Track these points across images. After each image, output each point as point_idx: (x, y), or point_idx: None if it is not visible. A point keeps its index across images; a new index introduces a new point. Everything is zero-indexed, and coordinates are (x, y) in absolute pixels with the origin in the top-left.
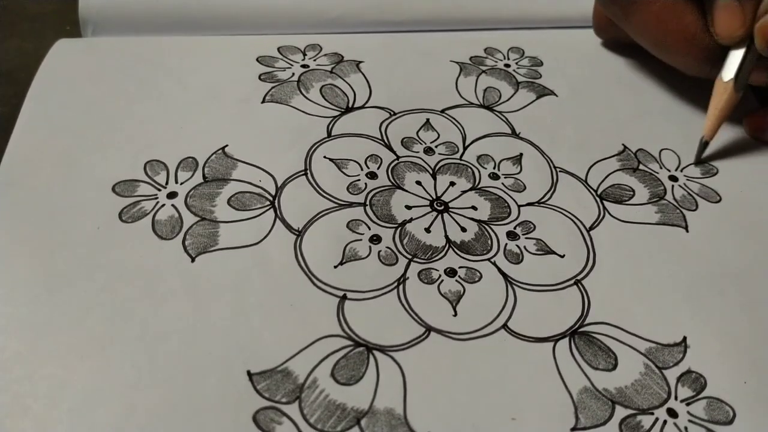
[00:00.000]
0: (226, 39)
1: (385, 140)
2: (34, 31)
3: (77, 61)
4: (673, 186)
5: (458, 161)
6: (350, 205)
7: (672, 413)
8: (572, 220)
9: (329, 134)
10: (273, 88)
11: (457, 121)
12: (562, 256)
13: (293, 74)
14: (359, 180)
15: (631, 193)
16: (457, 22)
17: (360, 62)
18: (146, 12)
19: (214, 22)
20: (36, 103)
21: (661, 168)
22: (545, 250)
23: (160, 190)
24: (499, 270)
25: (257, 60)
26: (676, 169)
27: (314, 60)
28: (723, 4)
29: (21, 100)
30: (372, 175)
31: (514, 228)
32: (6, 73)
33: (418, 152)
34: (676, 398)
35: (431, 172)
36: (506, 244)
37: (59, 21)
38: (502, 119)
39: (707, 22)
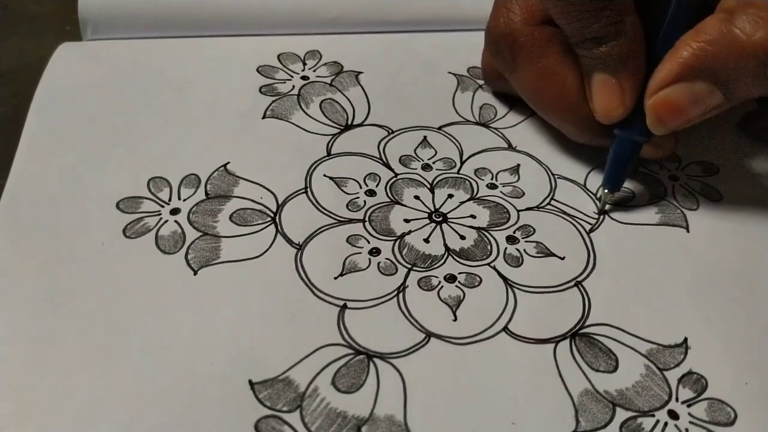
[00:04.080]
0: (225, 42)
1: (384, 159)
2: (34, 31)
3: (79, 69)
4: (674, 186)
5: (456, 175)
6: (350, 221)
7: (673, 415)
8: (572, 222)
9: (329, 153)
10: (273, 102)
11: (453, 137)
12: (563, 258)
13: (293, 87)
14: (358, 198)
15: (632, 195)
16: (457, 22)
17: (359, 73)
18: (146, 12)
19: (213, 22)
20: (40, 117)
21: (661, 168)
22: (545, 252)
23: (163, 206)
24: (499, 273)
25: (257, 70)
26: (676, 169)
27: (314, 70)
28: (599, 79)
29: (21, 100)
30: (371, 193)
31: (514, 232)
32: (6, 73)
33: (416, 169)
34: (677, 400)
35: (429, 186)
36: (506, 248)
37: (59, 21)
38: (498, 135)
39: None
